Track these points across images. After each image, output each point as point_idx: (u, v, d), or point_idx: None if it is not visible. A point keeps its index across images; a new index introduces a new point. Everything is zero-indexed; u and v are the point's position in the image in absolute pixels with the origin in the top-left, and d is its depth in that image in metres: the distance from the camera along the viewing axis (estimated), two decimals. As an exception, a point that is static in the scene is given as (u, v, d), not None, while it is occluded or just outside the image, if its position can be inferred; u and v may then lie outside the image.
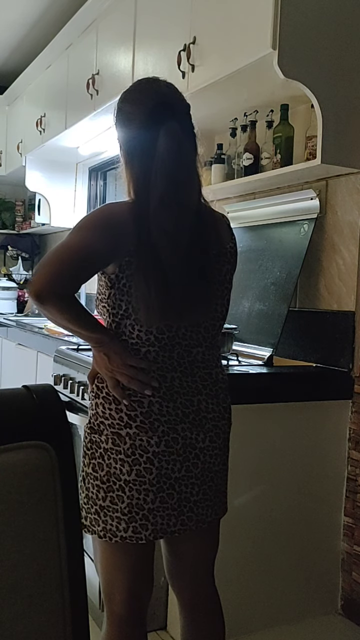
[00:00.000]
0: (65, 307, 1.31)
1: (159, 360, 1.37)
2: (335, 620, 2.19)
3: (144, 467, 1.34)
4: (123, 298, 1.36)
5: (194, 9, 2.39)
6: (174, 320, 1.36)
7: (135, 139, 1.38)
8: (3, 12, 3.98)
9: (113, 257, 1.34)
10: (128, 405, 1.35)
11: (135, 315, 1.36)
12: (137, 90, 1.42)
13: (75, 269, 1.31)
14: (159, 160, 1.32)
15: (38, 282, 1.27)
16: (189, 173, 1.38)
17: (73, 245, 1.32)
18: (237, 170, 2.56)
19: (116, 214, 1.35)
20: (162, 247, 1.32)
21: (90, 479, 1.39)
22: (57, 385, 2.37)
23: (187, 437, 1.38)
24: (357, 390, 2.16)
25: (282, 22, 1.95)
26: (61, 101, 3.82)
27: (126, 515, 1.34)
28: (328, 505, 2.19)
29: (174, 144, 1.33)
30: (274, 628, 2.07)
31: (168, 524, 1.37)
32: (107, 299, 1.39)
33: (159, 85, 1.43)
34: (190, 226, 1.37)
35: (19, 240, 5.38)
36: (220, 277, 1.44)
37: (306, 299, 2.37)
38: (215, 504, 1.45)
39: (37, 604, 0.76)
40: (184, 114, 1.42)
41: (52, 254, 1.31)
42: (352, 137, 2.08)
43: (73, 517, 0.81)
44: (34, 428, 0.79)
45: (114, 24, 3.12)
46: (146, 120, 1.35)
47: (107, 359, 1.37)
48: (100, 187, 4.56)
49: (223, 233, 1.48)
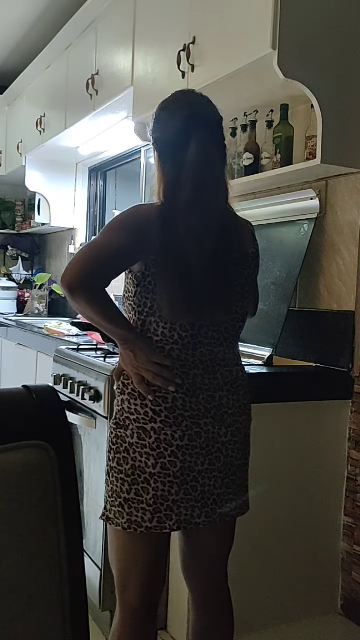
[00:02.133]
0: (95, 300, 1.39)
1: (182, 358, 1.43)
2: (335, 620, 2.19)
3: (169, 460, 1.40)
4: (149, 296, 1.43)
5: (194, 9, 2.39)
6: (197, 318, 1.43)
7: (168, 145, 1.46)
8: (3, 12, 3.98)
9: (140, 256, 1.41)
10: (153, 401, 1.41)
11: (160, 312, 1.42)
12: (173, 100, 1.51)
13: (104, 265, 1.39)
14: (189, 166, 1.40)
15: (70, 274, 1.35)
16: (217, 180, 1.47)
17: (103, 243, 1.41)
18: (237, 170, 2.56)
19: (144, 215, 1.44)
20: (188, 247, 1.39)
21: (115, 473, 1.44)
22: (57, 385, 2.37)
23: (209, 431, 1.43)
24: (357, 390, 2.16)
25: (282, 22, 1.95)
26: (61, 101, 3.82)
27: (151, 506, 1.39)
28: (328, 505, 2.19)
29: (204, 151, 1.41)
30: (274, 628, 2.07)
31: (192, 515, 1.42)
32: (134, 297, 1.46)
33: (194, 96, 1.52)
34: (215, 230, 1.44)
35: (19, 240, 5.38)
36: (242, 280, 1.50)
37: (306, 299, 2.37)
38: (239, 499, 1.51)
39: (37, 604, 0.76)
40: (216, 125, 1.50)
41: (83, 250, 1.41)
42: (352, 137, 2.08)
43: (73, 517, 0.81)
44: (34, 428, 0.79)
45: (113, 24, 3.12)
46: (179, 128, 1.43)
47: (133, 355, 1.43)
48: (100, 187, 4.57)
49: (246, 238, 1.54)
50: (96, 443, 2.09)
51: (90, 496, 2.13)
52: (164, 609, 2.06)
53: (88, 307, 1.40)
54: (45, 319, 4.14)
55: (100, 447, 2.05)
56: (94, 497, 2.09)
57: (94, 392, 2.07)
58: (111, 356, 2.18)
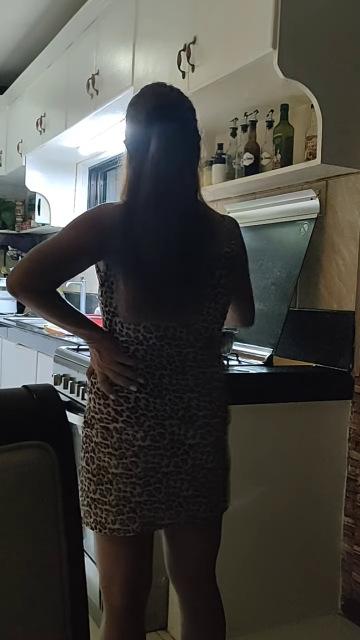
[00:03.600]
0: (42, 301, 1.38)
1: (147, 359, 1.40)
2: (335, 620, 2.18)
3: (130, 460, 1.37)
4: (112, 295, 1.41)
5: (194, 9, 2.39)
6: (155, 318, 1.38)
7: (133, 143, 1.41)
8: (3, 12, 3.98)
9: (100, 255, 1.39)
10: (115, 400, 1.39)
11: (122, 312, 1.40)
12: (140, 95, 1.45)
13: (54, 264, 1.36)
14: (149, 162, 1.36)
15: (13, 275, 1.34)
16: (180, 174, 1.39)
17: (57, 242, 1.38)
18: (237, 170, 2.56)
19: (105, 214, 1.40)
20: (145, 246, 1.34)
21: (84, 472, 1.43)
22: (57, 385, 2.37)
23: (174, 432, 1.40)
24: (357, 390, 2.16)
25: (282, 22, 1.95)
26: (61, 101, 3.82)
27: (114, 507, 1.37)
28: (328, 505, 2.18)
29: (165, 145, 1.36)
30: (274, 628, 2.07)
31: (156, 517, 1.39)
32: (101, 296, 1.45)
33: (161, 89, 1.45)
34: (179, 227, 1.37)
35: (19, 240, 5.38)
36: (213, 281, 1.43)
37: (306, 299, 2.37)
38: (210, 501, 1.45)
39: (37, 604, 0.76)
40: (185, 116, 1.43)
41: (33, 250, 1.38)
42: (352, 137, 2.08)
43: (73, 517, 0.81)
44: (34, 428, 0.79)
45: (114, 24, 3.12)
46: (142, 122, 1.39)
47: (98, 354, 1.42)
48: (100, 187, 4.56)
49: (219, 237, 1.46)
50: (96, 443, 2.09)
51: (90, 496, 2.12)
52: (164, 609, 2.06)
53: (37, 310, 1.38)
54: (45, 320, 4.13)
55: (100, 447, 2.05)
56: (94, 497, 2.09)
57: (94, 392, 2.07)
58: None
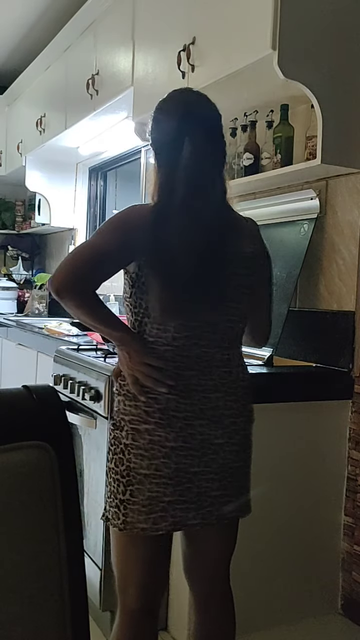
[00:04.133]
0: (82, 302, 1.40)
1: (176, 359, 1.42)
2: (335, 620, 2.18)
3: (162, 461, 1.39)
4: (143, 297, 1.43)
5: (194, 9, 2.39)
6: (187, 318, 1.41)
7: (164, 146, 1.46)
8: (3, 12, 3.98)
9: (132, 257, 1.41)
10: (145, 402, 1.41)
11: (153, 313, 1.41)
12: (169, 99, 1.50)
13: (93, 267, 1.39)
14: (182, 165, 1.40)
15: (58, 278, 1.36)
16: (211, 180, 1.45)
17: (93, 245, 1.42)
18: (237, 170, 2.56)
19: (137, 215, 1.43)
20: (179, 247, 1.39)
21: (112, 474, 1.44)
22: (57, 385, 2.37)
23: (204, 433, 1.42)
24: (357, 390, 2.16)
25: (282, 22, 1.95)
26: (61, 101, 3.82)
27: (146, 507, 1.39)
28: (328, 505, 2.18)
29: (198, 150, 1.41)
30: (274, 628, 2.07)
31: (187, 516, 1.41)
32: (130, 298, 1.46)
33: (190, 94, 1.51)
34: (208, 230, 1.42)
35: (19, 240, 5.38)
36: (236, 282, 1.47)
37: (306, 299, 2.37)
38: (238, 501, 1.49)
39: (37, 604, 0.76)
40: (212, 123, 1.48)
41: (73, 252, 1.41)
42: (352, 137, 2.08)
43: (73, 517, 0.81)
44: (34, 428, 0.79)
45: (113, 24, 3.12)
46: (174, 127, 1.43)
47: (127, 356, 1.43)
48: (100, 187, 4.56)
49: (243, 238, 1.51)
50: (96, 443, 2.09)
51: (90, 496, 2.12)
52: (164, 609, 2.06)
53: (77, 310, 1.40)
54: (45, 319, 4.13)
55: (100, 447, 2.05)
56: (94, 497, 2.09)
57: (94, 392, 2.07)
58: (111, 356, 2.18)
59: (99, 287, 1.42)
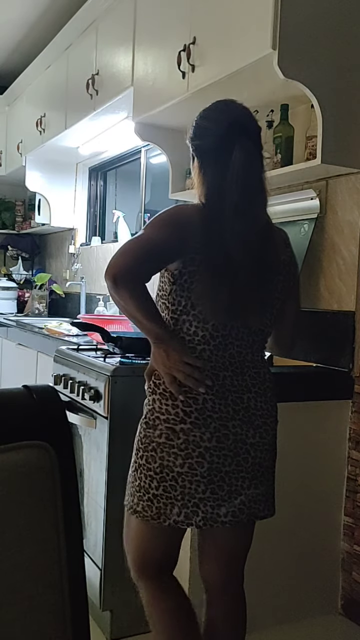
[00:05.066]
0: (136, 293, 1.42)
1: (212, 359, 1.45)
2: (335, 620, 2.18)
3: (196, 460, 1.42)
4: (183, 294, 1.45)
5: (194, 9, 2.39)
6: (232, 318, 1.46)
7: (210, 152, 1.50)
8: (3, 12, 3.98)
9: (179, 254, 1.44)
10: (184, 402, 1.43)
11: (193, 311, 1.44)
12: (216, 109, 1.55)
13: (148, 259, 1.43)
14: (234, 172, 1.45)
15: (115, 267, 1.40)
16: (260, 187, 1.51)
17: (145, 239, 1.45)
18: (237, 170, 2.56)
19: (186, 215, 1.48)
20: (233, 249, 1.43)
21: (144, 470, 1.46)
22: (57, 385, 2.36)
23: (237, 433, 1.45)
24: (357, 390, 2.16)
25: (282, 22, 1.95)
26: (61, 101, 3.82)
27: (179, 501, 1.43)
28: (328, 505, 2.18)
29: (247, 158, 1.46)
30: (274, 628, 2.07)
31: (218, 513, 1.44)
32: (168, 295, 1.48)
33: (236, 106, 1.55)
34: (258, 235, 1.49)
35: (19, 240, 5.38)
36: (272, 286, 1.53)
37: (306, 299, 2.37)
38: (267, 500, 1.53)
39: (37, 604, 0.76)
40: (256, 134, 1.54)
41: (126, 245, 1.45)
42: (352, 137, 2.08)
43: (73, 517, 0.81)
44: (34, 428, 0.79)
45: (114, 24, 3.12)
46: (222, 135, 1.48)
47: (165, 355, 1.45)
48: (100, 187, 4.57)
49: (280, 245, 1.58)
50: (96, 443, 2.09)
51: (90, 496, 2.12)
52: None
53: (129, 300, 1.41)
54: (45, 319, 4.14)
55: (100, 447, 2.05)
56: (94, 497, 2.09)
57: (94, 392, 2.07)
58: (111, 356, 2.18)
59: (149, 280, 1.45)
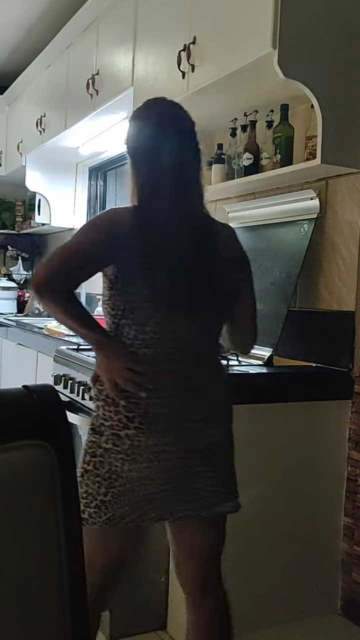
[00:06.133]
0: (63, 301, 1.40)
1: (155, 363, 1.42)
2: (335, 620, 2.18)
3: (144, 466, 1.39)
4: (121, 298, 1.42)
5: (194, 9, 2.39)
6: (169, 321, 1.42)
7: (142, 152, 1.49)
8: (3, 12, 3.98)
9: (112, 256, 1.41)
10: (126, 407, 1.40)
11: (132, 314, 1.41)
12: (144, 108, 1.55)
13: (74, 267, 1.40)
14: (163, 170, 1.44)
15: (39, 276, 1.38)
16: (190, 183, 1.49)
17: (75, 243, 1.43)
18: (237, 170, 2.56)
19: (119, 217, 1.46)
20: (167, 247, 1.41)
21: (91, 476, 1.43)
22: (57, 385, 2.37)
23: (187, 430, 1.43)
24: (357, 390, 2.16)
25: (282, 22, 1.95)
26: (61, 101, 3.82)
27: (128, 505, 1.40)
28: (328, 506, 2.18)
29: (176, 156, 1.46)
30: (273, 628, 2.07)
31: (172, 508, 1.43)
32: (108, 300, 1.46)
33: (164, 103, 1.55)
34: (191, 232, 1.46)
35: (19, 240, 5.38)
36: (216, 283, 1.49)
37: (306, 299, 2.37)
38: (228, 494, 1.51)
39: (37, 603, 0.76)
40: (188, 130, 1.52)
41: (54, 252, 1.42)
42: (352, 137, 2.08)
43: (73, 517, 0.81)
44: (34, 428, 0.79)
45: (114, 24, 3.12)
46: (151, 134, 1.47)
47: (106, 361, 1.42)
48: (100, 187, 4.56)
49: (221, 242, 1.54)
50: (96, 443, 2.09)
51: (90, 496, 2.12)
52: (164, 609, 2.06)
53: (57, 310, 1.40)
54: (45, 319, 4.13)
55: (100, 447, 2.05)
56: (94, 497, 2.09)
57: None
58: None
59: (77, 287, 1.43)
